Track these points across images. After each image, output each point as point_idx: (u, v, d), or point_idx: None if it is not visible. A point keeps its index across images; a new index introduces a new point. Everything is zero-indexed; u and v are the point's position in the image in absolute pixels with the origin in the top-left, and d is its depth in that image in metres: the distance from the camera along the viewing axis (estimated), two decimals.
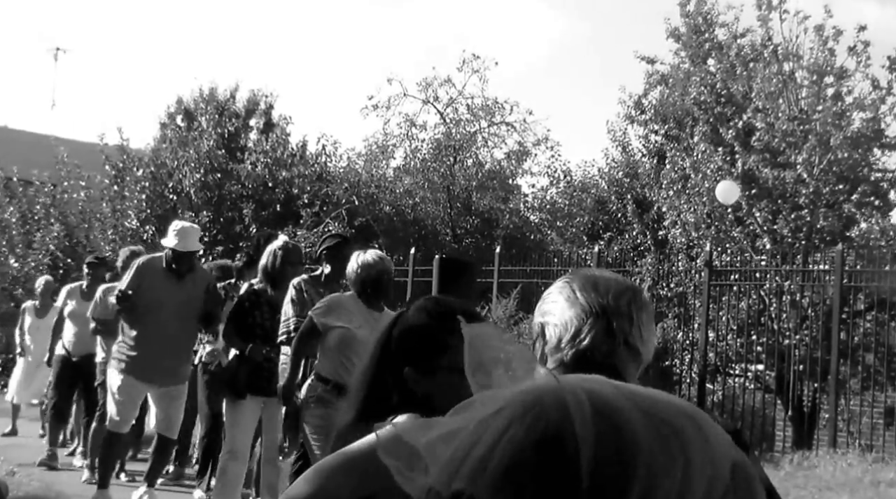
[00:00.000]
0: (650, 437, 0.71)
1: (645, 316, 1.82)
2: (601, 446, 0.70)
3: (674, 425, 0.73)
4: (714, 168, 14.00)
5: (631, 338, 1.78)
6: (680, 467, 0.71)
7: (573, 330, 1.78)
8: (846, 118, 13.77)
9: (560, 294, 1.85)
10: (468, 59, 23.62)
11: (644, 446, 0.71)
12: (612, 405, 0.72)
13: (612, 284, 1.82)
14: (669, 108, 17.62)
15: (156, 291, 6.78)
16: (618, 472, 0.70)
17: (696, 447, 0.72)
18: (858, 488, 8.81)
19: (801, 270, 12.47)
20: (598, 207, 20.41)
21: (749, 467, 0.75)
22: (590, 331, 1.77)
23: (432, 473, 0.79)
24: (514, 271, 14.59)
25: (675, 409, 0.75)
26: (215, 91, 22.12)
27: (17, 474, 8.14)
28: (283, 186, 19.50)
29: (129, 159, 19.57)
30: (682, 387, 12.89)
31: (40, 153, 20.44)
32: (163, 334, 6.75)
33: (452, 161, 22.22)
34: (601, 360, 1.74)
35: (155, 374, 6.81)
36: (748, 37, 15.79)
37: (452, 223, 21.44)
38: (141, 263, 7.01)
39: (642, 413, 0.72)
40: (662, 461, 0.71)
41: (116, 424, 6.97)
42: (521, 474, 0.70)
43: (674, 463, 0.71)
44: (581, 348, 1.76)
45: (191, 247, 6.86)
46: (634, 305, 1.80)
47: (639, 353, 1.81)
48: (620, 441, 0.70)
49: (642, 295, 1.88)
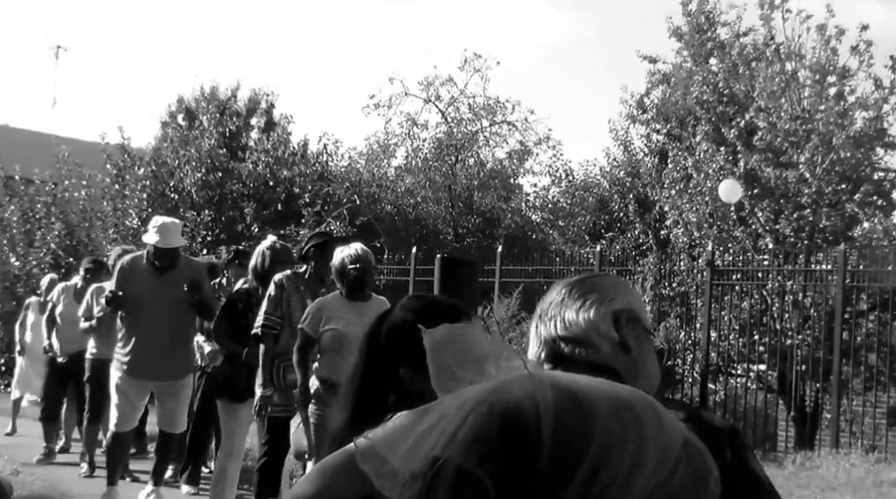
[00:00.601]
0: (608, 411, 0.77)
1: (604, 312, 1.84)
2: (561, 416, 0.76)
3: (630, 403, 0.80)
4: (716, 168, 13.98)
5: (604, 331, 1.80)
6: (634, 440, 0.76)
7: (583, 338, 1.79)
8: (849, 118, 13.75)
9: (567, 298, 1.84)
10: (470, 59, 23.62)
11: (602, 418, 0.76)
12: (572, 384, 0.81)
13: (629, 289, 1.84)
14: (671, 108, 17.62)
15: (140, 289, 6.80)
16: (576, 439, 0.75)
17: (652, 425, 0.78)
18: (861, 488, 8.79)
19: (804, 269, 12.46)
20: (600, 206, 20.40)
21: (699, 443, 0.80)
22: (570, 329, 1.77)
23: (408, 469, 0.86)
24: (516, 271, 14.58)
25: (632, 392, 0.82)
26: (216, 90, 22.12)
27: (21, 473, 8.15)
28: (284, 185, 19.49)
29: (130, 158, 19.56)
30: (684, 387, 12.87)
31: (41, 152, 20.44)
32: (151, 331, 6.76)
33: (454, 160, 22.21)
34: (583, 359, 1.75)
35: (149, 370, 6.82)
36: (750, 36, 15.80)
37: (454, 223, 21.43)
38: (124, 262, 7.03)
39: (602, 392, 0.80)
40: (618, 434, 0.76)
41: (117, 424, 6.99)
42: (486, 439, 0.76)
43: (629, 436, 0.76)
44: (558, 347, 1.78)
45: (172, 243, 6.87)
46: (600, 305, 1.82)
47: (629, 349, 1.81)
48: (579, 412, 0.77)
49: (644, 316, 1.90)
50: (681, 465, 0.77)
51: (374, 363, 2.23)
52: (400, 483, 0.81)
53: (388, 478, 1.70)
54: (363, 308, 5.60)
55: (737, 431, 1.71)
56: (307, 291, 6.15)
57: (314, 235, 6.54)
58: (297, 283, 6.20)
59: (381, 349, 2.24)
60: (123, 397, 6.93)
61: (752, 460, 1.68)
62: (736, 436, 1.68)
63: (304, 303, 6.08)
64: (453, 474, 0.74)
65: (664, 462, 0.76)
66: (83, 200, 18.99)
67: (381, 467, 1.71)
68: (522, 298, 13.26)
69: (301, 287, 6.18)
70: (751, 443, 11.36)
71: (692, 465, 0.78)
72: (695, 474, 0.78)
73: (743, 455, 1.66)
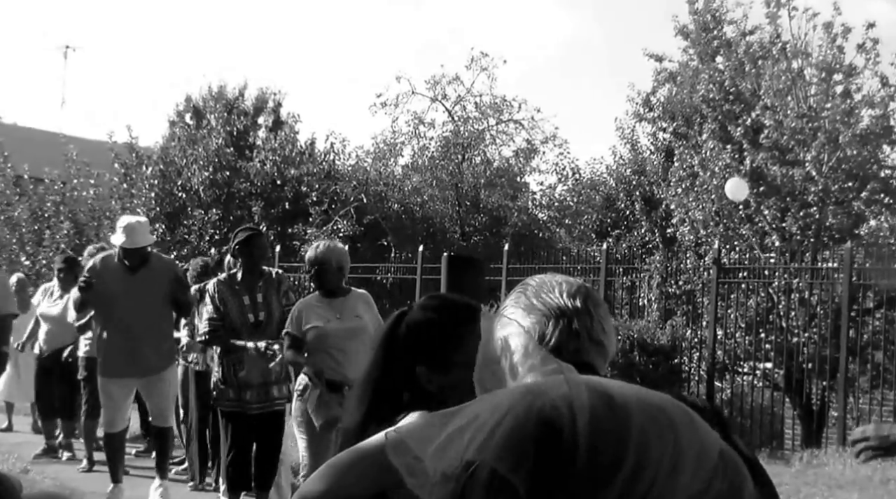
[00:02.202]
0: (643, 418, 0.76)
1: (601, 310, 1.84)
2: (596, 421, 0.75)
3: (665, 410, 0.77)
4: (722, 166, 13.98)
5: (594, 333, 1.80)
6: (670, 447, 0.75)
7: (538, 334, 1.79)
8: (855, 115, 13.73)
9: (515, 305, 1.86)
10: (476, 57, 23.61)
11: (637, 424, 0.75)
12: (607, 389, 0.77)
13: (563, 286, 1.84)
14: (678, 106, 17.61)
15: (113, 288, 6.85)
16: (612, 445, 0.75)
17: (686, 432, 0.77)
18: (868, 486, 8.80)
19: (810, 267, 12.45)
20: (607, 204, 20.40)
21: (734, 453, 0.78)
22: (553, 331, 1.78)
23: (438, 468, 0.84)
24: (523, 269, 14.58)
25: (668, 399, 0.80)
26: (224, 89, 22.16)
27: (30, 471, 8.20)
28: (291, 183, 19.53)
29: (139, 157, 19.63)
30: (690, 385, 12.88)
31: (50, 151, 20.51)
32: (125, 329, 6.83)
33: (461, 159, 22.22)
34: (570, 357, 1.76)
35: (127, 368, 6.87)
36: (757, 34, 15.77)
37: (461, 221, 21.45)
38: (95, 261, 7.10)
39: (637, 398, 0.77)
40: (654, 440, 0.75)
41: (105, 425, 7.12)
42: (522, 442, 0.75)
43: (665, 442, 0.75)
44: (549, 349, 1.78)
45: (138, 243, 6.89)
46: (590, 301, 1.82)
47: (603, 346, 1.82)
48: (615, 418, 0.75)
49: (593, 291, 1.91)
50: (718, 474, 0.76)
51: (390, 362, 2.25)
52: (430, 482, 0.81)
53: (419, 475, 1.71)
54: (341, 304, 5.87)
55: (719, 411, 1.74)
56: (243, 289, 6.36)
57: (239, 231, 6.61)
58: (230, 284, 6.39)
59: (398, 348, 2.26)
60: (107, 398, 7.02)
61: (736, 438, 1.71)
62: (719, 416, 1.71)
63: (241, 301, 6.32)
64: (487, 478, 0.73)
65: (701, 469, 0.75)
66: (92, 198, 19.07)
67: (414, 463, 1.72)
68: None
69: (235, 287, 6.37)
70: (758, 441, 11.38)
71: (728, 476, 0.77)
72: (731, 486, 0.77)
73: (728, 433, 1.69)
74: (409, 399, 2.18)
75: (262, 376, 6.24)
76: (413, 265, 15.46)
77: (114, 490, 7.11)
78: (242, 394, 6.29)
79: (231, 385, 6.30)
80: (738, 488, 0.77)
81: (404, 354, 2.23)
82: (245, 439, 6.37)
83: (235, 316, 6.33)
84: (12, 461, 8.56)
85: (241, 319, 6.32)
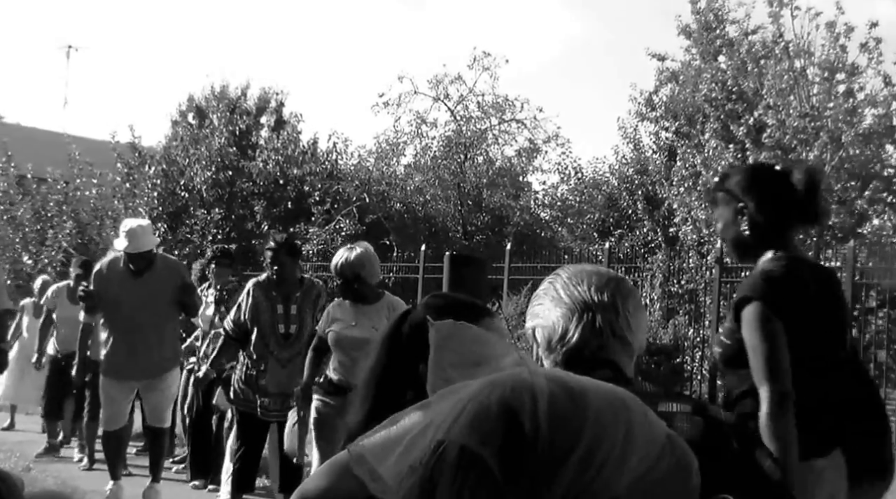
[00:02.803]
0: (599, 404, 0.82)
1: (631, 305, 1.82)
2: (555, 401, 0.80)
3: (617, 394, 0.83)
4: (725, 165, 13.98)
5: (619, 329, 1.79)
6: (623, 429, 0.81)
7: (561, 330, 1.79)
8: (858, 115, 13.73)
9: (545, 295, 1.86)
10: (479, 57, 23.65)
11: (592, 409, 0.81)
12: (565, 377, 0.83)
13: (593, 278, 1.82)
14: (680, 105, 17.61)
15: (118, 291, 6.88)
16: (569, 428, 0.79)
17: (638, 418, 0.82)
18: None
19: None
20: (609, 203, 20.40)
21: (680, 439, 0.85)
22: (576, 328, 1.77)
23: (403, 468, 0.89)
24: (525, 268, 14.60)
25: (623, 391, 0.85)
26: (226, 89, 22.19)
27: (32, 470, 8.22)
28: (294, 183, 19.56)
29: (141, 157, 19.66)
30: (692, 384, 12.88)
31: (53, 151, 20.54)
32: (130, 332, 6.84)
33: (463, 158, 22.24)
34: (593, 355, 1.75)
35: (130, 370, 6.90)
36: (759, 33, 15.79)
37: (463, 220, 21.47)
38: (101, 265, 7.14)
39: (594, 387, 0.83)
40: (608, 422, 0.80)
41: (105, 423, 7.15)
42: (487, 421, 0.79)
43: (618, 425, 0.81)
44: (571, 346, 1.77)
45: (141, 248, 6.88)
46: (619, 296, 1.80)
47: (629, 343, 1.81)
48: (573, 403, 0.81)
49: (626, 284, 1.87)
50: (666, 453, 0.82)
51: (394, 361, 2.26)
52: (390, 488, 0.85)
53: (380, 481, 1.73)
54: (367, 311, 5.70)
55: (745, 425, 1.73)
56: (279, 296, 6.28)
57: (268, 246, 6.51)
58: (267, 289, 6.32)
59: (402, 347, 2.27)
60: (107, 398, 7.06)
61: (762, 456, 1.70)
62: (743, 430, 1.69)
63: (275, 309, 6.26)
64: (457, 455, 0.77)
65: (651, 449, 0.80)
66: (94, 198, 19.09)
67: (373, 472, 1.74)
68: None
69: (273, 293, 6.29)
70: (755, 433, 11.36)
71: (676, 454, 0.83)
72: (678, 463, 0.83)
73: (749, 447, 1.67)
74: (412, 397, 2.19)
75: (279, 387, 6.18)
76: (415, 265, 15.47)
77: (113, 488, 7.13)
78: (262, 399, 6.23)
79: (251, 388, 6.26)
80: (685, 465, 0.84)
81: (408, 354, 2.25)
82: (256, 441, 6.34)
83: (266, 325, 6.22)
84: (14, 460, 8.58)
85: (271, 328, 6.22)
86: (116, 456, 7.20)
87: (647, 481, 0.80)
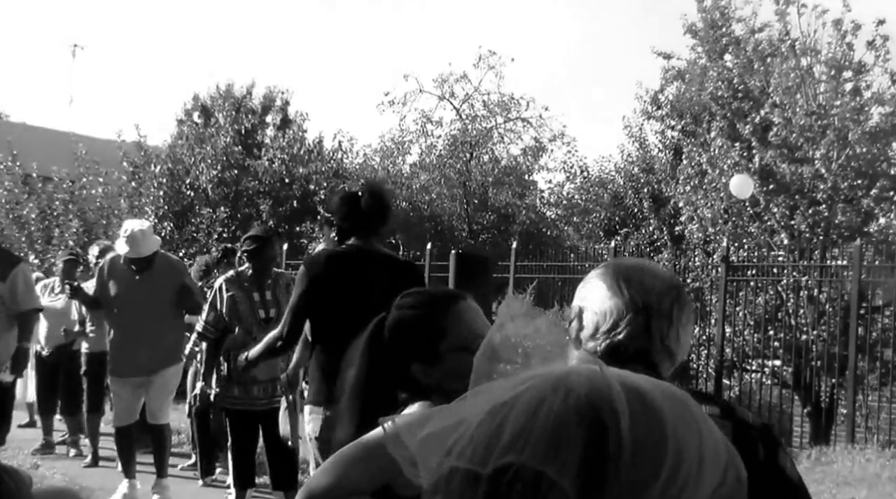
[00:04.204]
0: (674, 414, 0.75)
1: (685, 317, 1.80)
2: (634, 418, 0.73)
3: (688, 405, 0.78)
4: (731, 163, 13.95)
5: (667, 339, 1.77)
6: (697, 438, 0.75)
7: (611, 322, 1.77)
8: (865, 113, 13.69)
9: (602, 281, 1.83)
10: (484, 56, 23.65)
11: (670, 422, 0.74)
12: (638, 385, 0.76)
13: (657, 282, 1.80)
14: (686, 104, 17.58)
15: (119, 289, 6.93)
16: (652, 446, 0.73)
17: (704, 425, 0.77)
18: (877, 483, 8.78)
19: (819, 265, 12.43)
20: (615, 202, 20.38)
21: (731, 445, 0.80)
22: (627, 326, 1.76)
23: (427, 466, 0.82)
24: (531, 267, 14.60)
25: (684, 393, 0.80)
26: (232, 88, 22.21)
27: (40, 467, 8.24)
28: (299, 182, 19.57)
29: (147, 156, 19.67)
30: (698, 382, 12.87)
31: (59, 149, 20.56)
32: (130, 329, 6.88)
33: (468, 157, 22.23)
34: (634, 353, 1.74)
35: (133, 368, 6.95)
36: (765, 31, 15.73)
37: (469, 219, 21.45)
38: (103, 265, 7.20)
39: (662, 393, 0.77)
40: (685, 436, 0.74)
41: (115, 419, 7.20)
42: (566, 442, 0.72)
43: (693, 438, 0.75)
44: (616, 341, 1.76)
45: (142, 253, 6.90)
46: (676, 306, 1.78)
47: (673, 353, 1.80)
48: (650, 414, 0.74)
49: (685, 295, 1.85)
50: (730, 465, 0.76)
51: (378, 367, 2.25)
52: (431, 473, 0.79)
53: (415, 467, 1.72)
54: None
55: (769, 428, 1.71)
56: (252, 286, 6.45)
57: (247, 238, 6.64)
58: (239, 281, 6.47)
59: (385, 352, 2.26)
60: (117, 396, 7.15)
61: (783, 457, 1.68)
62: (768, 433, 1.68)
63: (252, 298, 6.40)
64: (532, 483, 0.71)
65: (718, 460, 0.75)
66: (100, 197, 19.09)
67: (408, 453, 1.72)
68: (537, 294, 13.27)
69: (245, 283, 6.46)
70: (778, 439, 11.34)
71: (736, 467, 0.77)
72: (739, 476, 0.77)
73: (774, 453, 1.66)
74: (405, 398, 2.18)
75: (268, 373, 6.25)
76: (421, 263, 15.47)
77: (129, 487, 7.11)
78: (249, 390, 6.32)
79: (237, 382, 6.31)
80: (742, 478, 0.78)
81: (395, 356, 2.23)
82: (249, 437, 6.42)
83: (246, 313, 6.37)
84: (22, 457, 8.59)
85: (252, 316, 6.37)
86: (128, 453, 7.21)
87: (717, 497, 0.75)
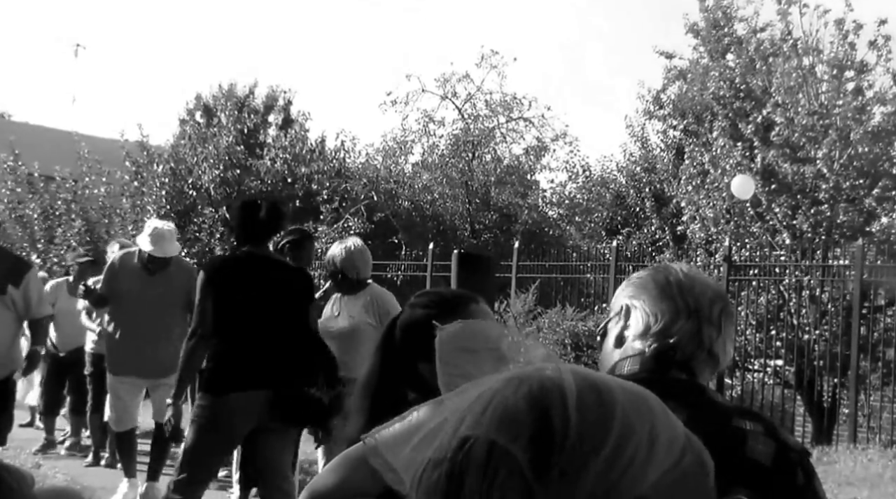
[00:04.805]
0: (625, 400, 0.82)
1: (730, 328, 1.83)
2: (582, 400, 0.80)
3: (643, 395, 0.84)
4: (733, 163, 13.95)
5: (715, 347, 1.79)
6: (647, 426, 0.81)
7: (662, 324, 1.77)
8: (867, 112, 13.69)
9: (653, 280, 1.83)
10: (486, 55, 23.64)
11: (620, 406, 0.81)
12: (591, 374, 0.84)
13: (707, 290, 1.81)
14: (688, 103, 17.58)
15: (129, 287, 6.80)
16: (599, 418, 0.79)
17: (660, 415, 0.83)
18: (879, 483, 8.79)
19: (821, 265, 12.42)
20: (617, 202, 20.39)
21: (696, 437, 0.87)
22: (679, 330, 1.77)
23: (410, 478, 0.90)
24: (533, 266, 14.60)
25: (644, 390, 0.87)
26: (234, 87, 22.23)
27: (42, 466, 8.25)
28: (302, 181, 19.58)
29: (149, 155, 19.69)
30: None
31: (61, 149, 20.60)
32: (137, 328, 6.76)
33: (471, 157, 22.23)
34: (681, 360, 1.76)
35: (137, 368, 6.83)
36: (768, 31, 15.74)
37: (471, 219, 21.46)
38: (114, 260, 7.05)
39: (617, 383, 0.84)
40: (635, 420, 0.80)
41: (115, 424, 7.09)
42: (516, 416, 0.79)
43: (643, 423, 0.81)
44: (667, 343, 1.76)
45: (167, 253, 6.79)
46: (724, 315, 1.80)
47: (718, 362, 1.81)
48: (601, 399, 0.81)
49: (730, 305, 1.88)
50: (687, 451, 0.83)
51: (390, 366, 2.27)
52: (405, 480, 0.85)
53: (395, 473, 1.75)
54: (349, 302, 5.97)
55: (807, 453, 1.73)
56: None
57: (289, 231, 6.66)
58: None
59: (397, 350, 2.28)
60: (115, 397, 7.00)
61: (818, 484, 1.70)
62: (806, 458, 1.70)
63: None
64: (486, 451, 0.77)
65: (673, 446, 0.81)
66: (103, 196, 19.12)
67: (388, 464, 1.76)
68: (539, 294, 13.28)
69: None
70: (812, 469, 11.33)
71: (695, 453, 0.84)
72: (697, 462, 0.83)
73: (811, 479, 1.68)
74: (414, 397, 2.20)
75: None
76: (423, 263, 15.48)
77: (130, 486, 7.11)
78: None
79: None
80: (703, 464, 0.86)
81: (404, 356, 2.25)
82: None
83: None
84: (24, 456, 8.60)
85: None
86: (129, 456, 7.19)
87: (670, 479, 0.81)
